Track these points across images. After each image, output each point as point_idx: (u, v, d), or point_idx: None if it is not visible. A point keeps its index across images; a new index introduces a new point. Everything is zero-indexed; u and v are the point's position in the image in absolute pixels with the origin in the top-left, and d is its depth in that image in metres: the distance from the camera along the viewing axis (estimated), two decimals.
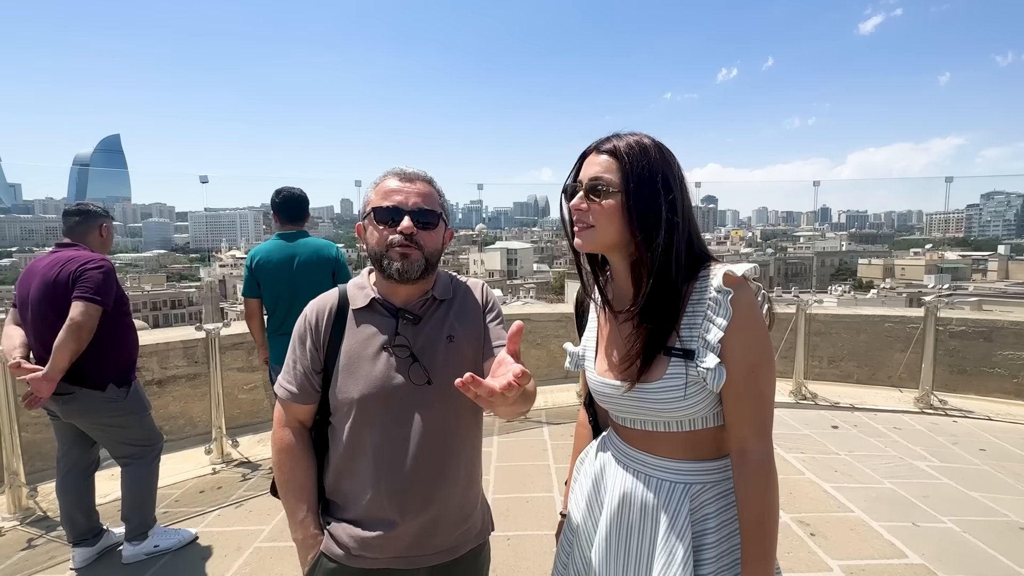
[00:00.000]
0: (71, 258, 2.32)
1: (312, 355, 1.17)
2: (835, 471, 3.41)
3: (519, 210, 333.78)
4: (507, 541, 2.64)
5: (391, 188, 1.13)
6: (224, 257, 62.66)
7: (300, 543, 1.16)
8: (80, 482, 2.48)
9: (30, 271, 2.36)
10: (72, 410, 2.34)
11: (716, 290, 0.91)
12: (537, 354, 5.44)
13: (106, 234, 2.54)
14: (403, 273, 1.11)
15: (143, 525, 2.55)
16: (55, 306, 2.24)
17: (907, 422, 4.34)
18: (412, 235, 1.10)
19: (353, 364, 1.13)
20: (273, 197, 3.02)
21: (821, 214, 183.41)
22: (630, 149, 0.94)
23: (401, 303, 1.17)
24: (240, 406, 4.33)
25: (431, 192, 1.16)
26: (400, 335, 1.13)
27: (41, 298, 2.27)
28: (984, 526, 2.75)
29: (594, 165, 0.96)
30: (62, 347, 2.18)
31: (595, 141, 1.00)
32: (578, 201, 0.96)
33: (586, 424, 1.28)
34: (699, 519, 0.95)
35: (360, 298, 1.18)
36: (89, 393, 2.32)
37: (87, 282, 2.25)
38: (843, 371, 5.42)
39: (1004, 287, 36.82)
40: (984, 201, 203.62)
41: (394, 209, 1.10)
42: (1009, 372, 4.83)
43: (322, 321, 1.18)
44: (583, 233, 0.97)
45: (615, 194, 0.93)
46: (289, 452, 1.17)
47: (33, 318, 2.30)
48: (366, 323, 1.16)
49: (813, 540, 2.63)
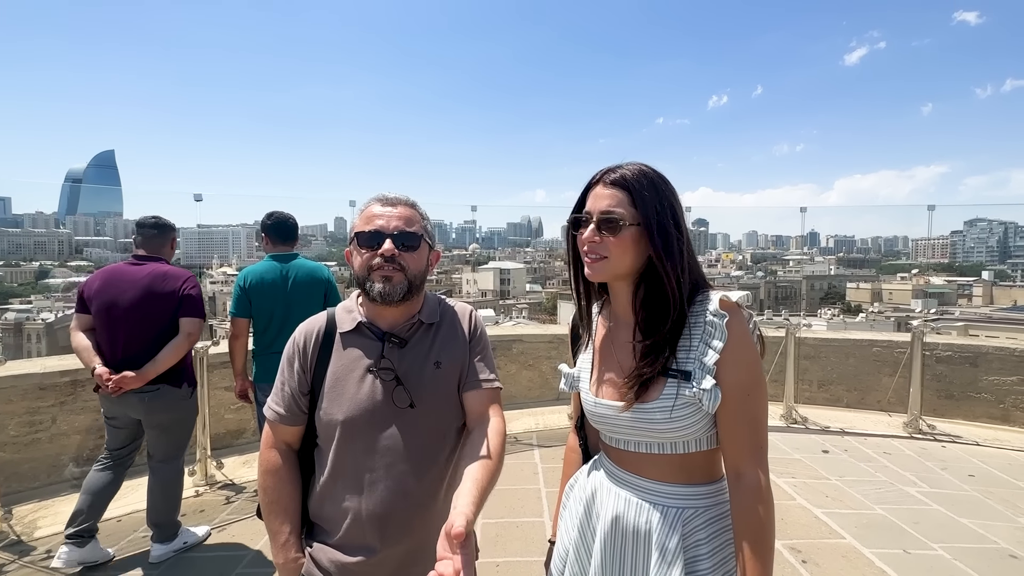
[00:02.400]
0: (167, 273, 2.62)
1: (299, 377, 1.18)
2: (826, 496, 3.40)
3: (512, 231, 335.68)
4: (496, 567, 2.59)
5: (373, 213, 1.15)
6: (215, 274, 62.15)
7: (281, 567, 1.14)
8: (115, 485, 2.66)
9: (117, 278, 2.55)
10: (155, 405, 2.57)
11: (713, 314, 0.94)
12: (529, 375, 5.42)
13: (175, 246, 2.84)
14: (385, 295, 1.12)
15: (175, 524, 2.74)
16: (153, 314, 2.54)
17: (897, 447, 4.35)
18: (394, 257, 1.11)
19: (338, 386, 1.14)
20: (264, 220, 3.06)
21: (810, 238, 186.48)
22: (639, 182, 0.97)
23: (387, 327, 1.17)
24: (226, 426, 4.25)
25: (412, 215, 1.17)
26: (385, 358, 1.14)
27: (139, 305, 2.51)
28: (974, 553, 2.74)
29: (604, 198, 0.98)
30: (173, 354, 2.54)
31: (600, 172, 1.03)
32: (591, 234, 0.99)
33: (576, 448, 1.27)
34: (691, 544, 0.95)
35: (347, 321, 1.19)
36: (170, 389, 2.61)
37: (196, 301, 2.63)
38: (833, 395, 5.44)
39: (989, 312, 37.43)
40: (967, 228, 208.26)
41: (376, 233, 1.12)
42: (995, 397, 4.88)
43: (310, 343, 1.19)
44: (596, 265, 1.00)
45: (628, 227, 0.96)
46: (275, 474, 1.17)
47: (123, 321, 2.50)
48: (352, 346, 1.17)
49: (805, 567, 2.61)
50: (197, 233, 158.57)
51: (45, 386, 3.48)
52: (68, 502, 3.24)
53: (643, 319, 1.00)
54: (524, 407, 5.25)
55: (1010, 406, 4.81)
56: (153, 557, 2.65)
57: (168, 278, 2.59)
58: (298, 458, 1.21)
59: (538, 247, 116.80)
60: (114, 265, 2.66)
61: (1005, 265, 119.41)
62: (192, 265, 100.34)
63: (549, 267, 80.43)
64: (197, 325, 2.62)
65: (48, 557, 2.69)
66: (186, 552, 2.73)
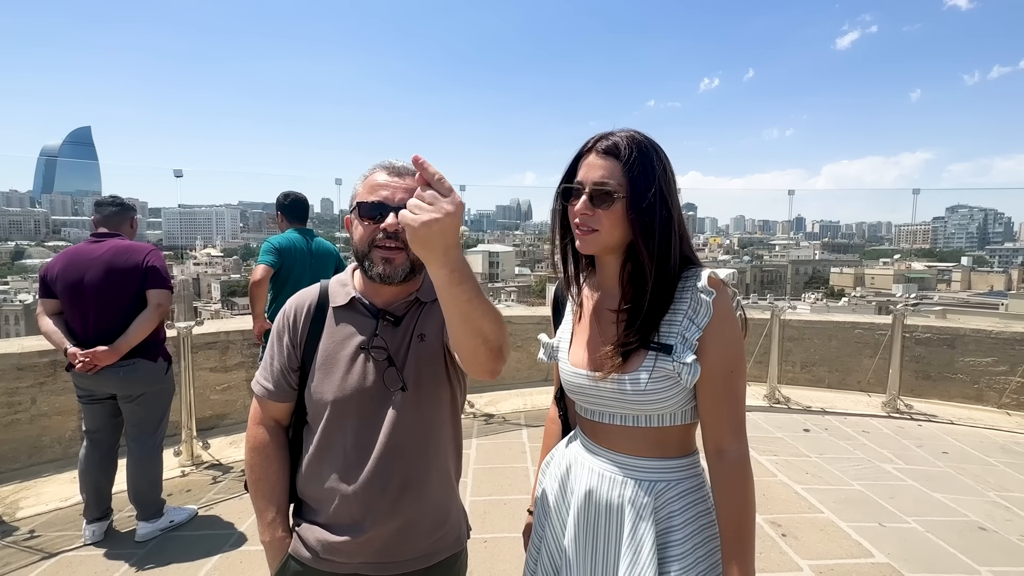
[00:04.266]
0: (129, 247, 2.61)
1: (289, 352, 1.14)
2: (806, 473, 3.49)
3: (501, 213, 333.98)
4: (484, 543, 2.63)
5: (378, 183, 1.07)
6: (199, 255, 61.01)
7: (267, 545, 1.13)
8: (113, 463, 2.71)
9: (78, 258, 2.53)
10: (131, 379, 2.58)
11: (701, 291, 0.93)
12: (517, 356, 5.44)
13: (135, 225, 2.80)
14: (385, 277, 1.07)
15: (159, 501, 2.75)
16: (118, 289, 2.52)
17: (875, 426, 4.47)
18: (397, 233, 1.05)
19: (329, 364, 1.11)
20: (281, 199, 3.38)
21: (796, 223, 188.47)
22: (631, 151, 0.94)
23: (383, 304, 1.13)
24: (212, 407, 4.21)
25: None
26: (379, 336, 1.10)
27: (103, 281, 2.49)
28: (946, 526, 2.85)
29: (597, 168, 0.95)
30: (145, 326, 2.54)
31: (591, 139, 0.99)
32: (583, 206, 0.95)
33: (556, 419, 1.27)
34: (664, 516, 0.96)
35: (341, 296, 1.14)
36: (146, 363, 2.62)
37: (162, 272, 2.62)
38: (815, 376, 5.56)
39: (967, 297, 38.40)
40: (949, 214, 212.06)
41: (380, 204, 1.05)
42: (970, 378, 5.02)
43: (300, 317, 1.15)
44: (587, 237, 0.97)
45: (620, 199, 0.94)
46: (262, 451, 1.15)
47: (91, 300, 2.48)
48: (345, 322, 1.13)
49: (784, 541, 2.69)
50: (179, 213, 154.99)
51: (23, 367, 3.40)
52: (50, 483, 3.22)
53: (630, 292, 0.99)
54: (512, 387, 5.28)
55: (984, 386, 4.96)
56: (139, 536, 2.65)
57: (130, 252, 2.58)
58: (287, 435, 1.18)
59: (527, 230, 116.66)
60: (74, 246, 2.64)
61: (984, 251, 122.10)
62: (175, 246, 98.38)
63: (538, 250, 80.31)
64: (166, 296, 2.61)
65: (31, 537, 2.67)
66: (173, 531, 2.72)
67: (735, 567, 0.92)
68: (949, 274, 63.00)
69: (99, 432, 2.66)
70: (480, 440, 4.04)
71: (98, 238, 2.61)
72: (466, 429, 4.23)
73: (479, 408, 4.73)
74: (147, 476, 2.69)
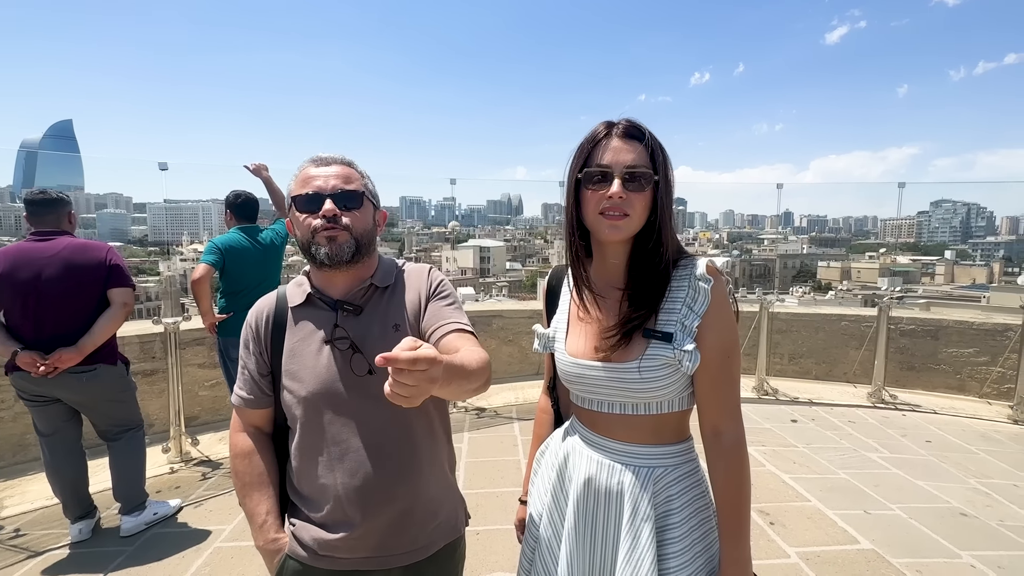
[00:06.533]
0: (86, 245, 2.50)
1: (257, 359, 1.14)
2: (794, 463, 3.54)
3: (492, 208, 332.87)
4: (477, 536, 2.64)
5: (309, 175, 1.10)
6: (186, 251, 60.20)
7: (262, 549, 1.12)
8: (81, 457, 2.60)
9: (27, 258, 2.37)
10: (93, 385, 2.48)
11: (699, 279, 0.94)
12: (509, 351, 5.45)
13: (74, 219, 2.61)
14: (333, 257, 1.07)
15: (142, 495, 2.71)
16: (80, 287, 2.41)
17: (860, 416, 4.55)
18: (336, 217, 1.07)
19: (296, 362, 1.10)
20: (232, 199, 3.36)
21: (784, 218, 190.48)
22: (655, 139, 0.95)
23: (340, 295, 1.13)
24: (201, 403, 4.17)
25: (350, 173, 1.12)
26: (340, 327, 1.09)
27: (62, 280, 2.37)
28: (928, 512, 2.91)
29: (626, 152, 0.94)
30: (110, 326, 2.45)
31: (602, 125, 0.97)
32: (619, 190, 0.92)
33: (547, 410, 1.28)
34: (662, 501, 0.97)
35: (297, 295, 1.15)
36: (108, 368, 2.53)
37: (125, 270, 2.53)
38: (802, 367, 5.63)
39: (950, 290, 39.12)
40: (933, 209, 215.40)
41: (314, 196, 1.07)
42: (953, 368, 5.12)
43: (261, 324, 1.15)
44: (620, 223, 0.94)
45: (650, 183, 0.94)
46: (246, 457, 1.14)
47: (48, 299, 2.36)
48: (305, 319, 1.13)
49: (772, 529, 2.73)
50: (165, 208, 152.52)
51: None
52: (35, 481, 3.16)
53: (634, 279, 0.99)
54: (504, 382, 5.29)
55: (966, 376, 5.06)
56: (124, 530, 2.61)
57: (88, 249, 2.47)
58: (270, 440, 1.18)
59: (518, 225, 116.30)
60: (15, 245, 2.46)
61: (966, 245, 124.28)
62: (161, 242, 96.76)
63: (529, 245, 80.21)
64: (131, 295, 2.54)
65: (16, 536, 2.63)
66: (161, 528, 2.70)
67: (732, 546, 0.94)
68: (933, 268, 64.07)
69: (56, 434, 2.53)
70: (472, 434, 4.04)
71: (44, 236, 2.43)
72: (458, 423, 4.24)
73: (470, 402, 4.74)
74: (130, 469, 2.66)
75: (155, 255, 79.72)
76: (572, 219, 1.03)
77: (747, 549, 0.95)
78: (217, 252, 3.16)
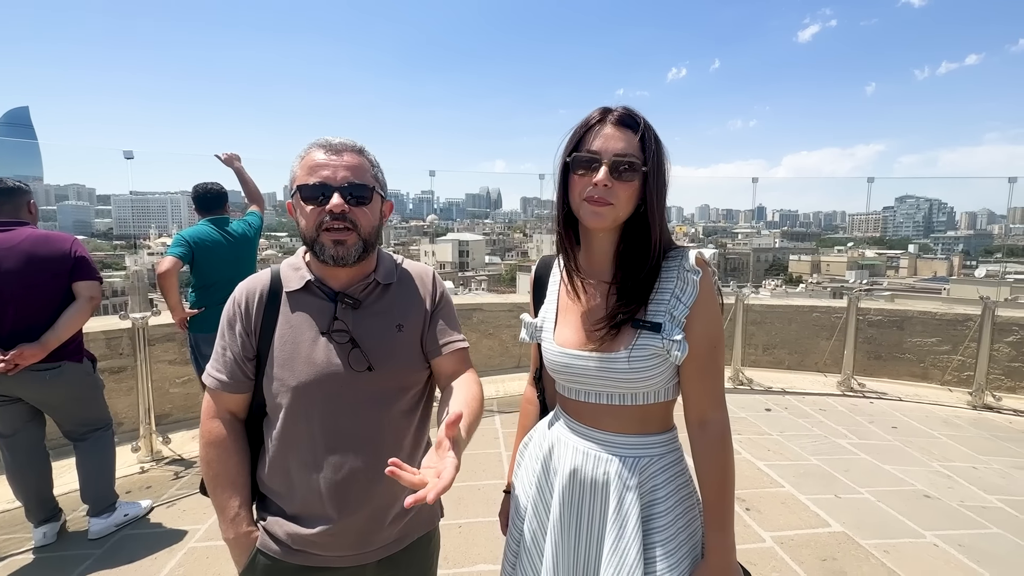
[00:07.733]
0: (49, 236, 2.38)
1: (243, 341, 1.08)
2: (768, 450, 3.64)
3: (471, 201, 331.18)
4: (458, 528, 2.63)
5: (317, 162, 1.02)
6: (153, 244, 58.21)
7: (233, 542, 1.08)
8: (44, 459, 2.51)
9: None
10: (57, 384, 2.38)
11: (688, 270, 0.95)
12: (489, 344, 5.44)
13: (34, 210, 2.49)
14: (338, 259, 1.04)
15: (111, 496, 2.62)
16: (43, 280, 2.30)
17: (831, 404, 4.70)
18: (344, 214, 1.02)
19: (288, 351, 1.06)
20: (199, 190, 3.28)
21: (758, 212, 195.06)
22: (647, 127, 0.94)
23: (340, 287, 1.09)
24: (173, 401, 4.05)
25: (362, 163, 1.05)
26: (339, 320, 1.06)
27: (23, 273, 2.25)
28: (895, 495, 3.03)
29: (616, 139, 0.93)
30: (76, 320, 2.34)
31: (597, 111, 0.97)
32: (604, 177, 0.91)
33: (533, 400, 1.27)
34: (648, 490, 0.98)
35: (295, 280, 1.09)
36: (73, 366, 2.42)
37: (91, 262, 2.42)
38: (776, 358, 5.78)
39: (913, 282, 40.74)
40: (898, 204, 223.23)
41: (322, 186, 1.01)
42: (917, 357, 5.33)
43: (252, 304, 1.09)
44: (603, 210, 0.93)
45: (638, 173, 0.93)
46: (219, 445, 1.08)
47: (8, 293, 2.24)
48: (301, 307, 1.08)
49: (748, 514, 2.80)
50: (130, 200, 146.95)
51: None
52: None
53: (622, 269, 0.99)
54: (484, 375, 5.28)
55: (929, 365, 5.28)
56: (92, 533, 2.53)
57: (51, 241, 2.35)
58: (244, 428, 1.13)
59: (497, 219, 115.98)
60: None
61: (928, 239, 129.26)
62: (127, 235, 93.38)
63: (508, 239, 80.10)
64: (97, 288, 2.44)
65: None
66: (132, 529, 2.62)
67: (717, 534, 0.95)
68: (897, 261, 66.52)
69: (16, 435, 2.41)
70: None
71: (2, 226, 2.31)
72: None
73: None
74: (99, 470, 2.57)
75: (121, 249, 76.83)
76: (561, 204, 1.02)
77: (731, 536, 0.96)
78: (185, 245, 3.06)
